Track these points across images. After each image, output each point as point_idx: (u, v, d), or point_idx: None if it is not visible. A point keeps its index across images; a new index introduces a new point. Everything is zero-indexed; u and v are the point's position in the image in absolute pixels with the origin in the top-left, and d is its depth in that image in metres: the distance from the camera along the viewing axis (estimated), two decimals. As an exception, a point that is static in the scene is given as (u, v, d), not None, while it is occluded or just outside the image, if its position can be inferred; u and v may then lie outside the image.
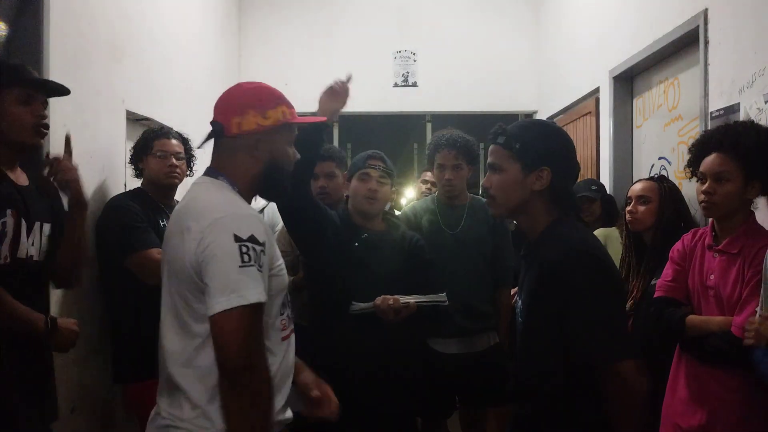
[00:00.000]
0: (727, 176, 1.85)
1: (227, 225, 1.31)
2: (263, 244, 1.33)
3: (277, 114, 1.46)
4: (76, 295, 2.37)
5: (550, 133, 1.57)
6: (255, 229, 1.33)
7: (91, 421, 2.48)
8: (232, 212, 1.35)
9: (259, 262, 1.31)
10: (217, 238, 1.30)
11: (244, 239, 1.30)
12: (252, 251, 1.30)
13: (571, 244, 1.43)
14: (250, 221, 1.35)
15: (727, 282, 1.85)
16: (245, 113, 1.44)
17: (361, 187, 2.22)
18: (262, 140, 1.46)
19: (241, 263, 1.28)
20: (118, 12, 2.81)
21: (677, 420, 1.94)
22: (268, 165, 1.48)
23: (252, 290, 1.28)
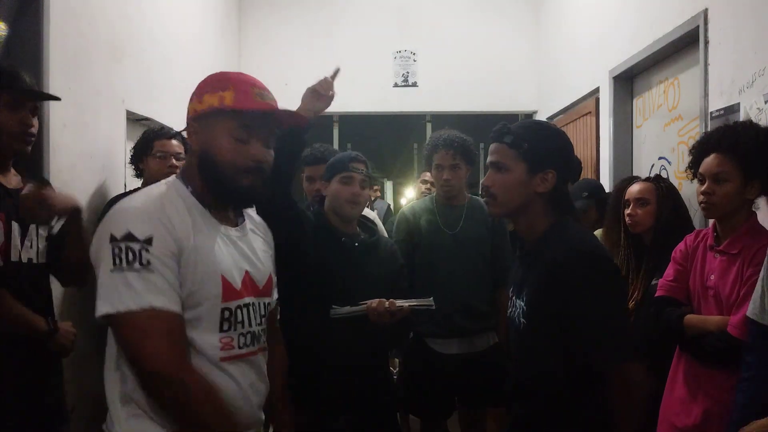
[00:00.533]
0: (725, 177, 1.85)
1: (106, 225, 1.22)
2: (146, 240, 1.18)
3: (213, 99, 1.29)
4: (77, 296, 2.37)
5: (556, 135, 1.57)
6: (134, 224, 1.19)
7: (91, 421, 2.48)
8: (117, 211, 1.24)
9: (140, 261, 1.17)
10: (96, 238, 1.23)
11: (118, 238, 1.18)
12: (125, 251, 1.17)
13: (575, 246, 1.43)
14: (128, 216, 1.21)
15: (726, 282, 1.85)
16: (191, 100, 1.34)
17: (344, 190, 2.14)
18: (197, 128, 1.32)
19: (112, 267, 1.18)
20: (118, 12, 2.81)
21: (673, 420, 1.94)
22: (201, 157, 1.31)
23: (124, 298, 1.17)
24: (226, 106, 1.29)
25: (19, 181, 1.85)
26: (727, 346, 1.76)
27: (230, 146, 1.30)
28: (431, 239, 2.65)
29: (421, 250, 2.68)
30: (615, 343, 1.38)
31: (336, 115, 5.59)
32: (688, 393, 1.91)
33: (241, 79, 1.34)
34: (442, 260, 2.61)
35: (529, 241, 1.56)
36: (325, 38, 5.41)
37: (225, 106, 1.29)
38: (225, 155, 1.30)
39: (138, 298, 1.17)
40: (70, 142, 2.36)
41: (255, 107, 1.31)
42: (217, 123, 1.30)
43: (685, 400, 1.91)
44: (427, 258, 2.66)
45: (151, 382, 1.19)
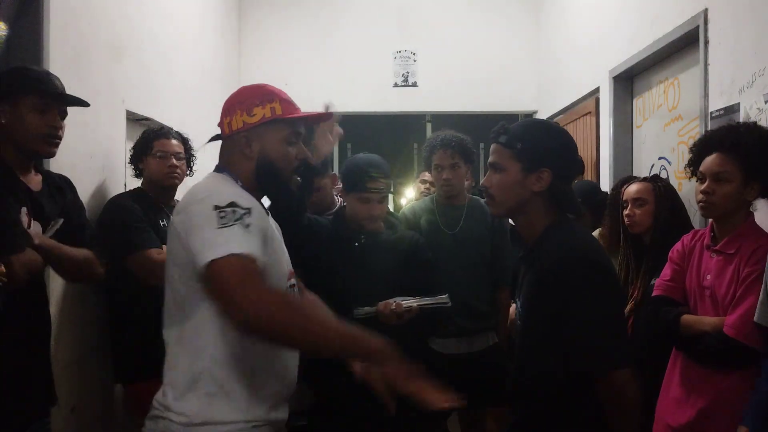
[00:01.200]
0: (726, 176, 1.85)
1: (207, 201, 1.33)
2: (248, 208, 1.33)
3: (264, 111, 1.46)
4: (77, 295, 2.37)
5: (553, 134, 1.56)
6: (237, 197, 1.34)
7: (91, 421, 2.48)
8: (213, 191, 1.37)
9: (243, 222, 1.30)
10: (197, 211, 1.33)
11: (223, 206, 1.31)
12: (231, 213, 1.30)
13: (570, 249, 1.42)
14: (232, 194, 1.35)
15: (722, 282, 1.85)
16: (234, 113, 1.48)
17: (362, 210, 2.16)
18: (251, 137, 1.47)
19: (218, 225, 1.28)
20: (118, 12, 2.81)
21: (668, 419, 1.95)
22: (260, 162, 1.48)
23: (232, 243, 1.26)
24: (279, 116, 1.47)
25: (39, 182, 1.88)
26: (723, 347, 1.76)
27: (285, 151, 1.50)
28: (431, 239, 2.66)
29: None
30: (606, 349, 1.37)
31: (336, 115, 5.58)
32: (684, 392, 1.91)
33: (278, 91, 1.52)
34: (442, 260, 2.62)
35: (529, 240, 1.56)
36: (325, 38, 5.41)
37: (277, 116, 1.47)
38: (283, 160, 1.50)
39: (244, 245, 1.28)
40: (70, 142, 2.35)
41: (302, 114, 1.51)
42: (270, 131, 1.48)
43: (680, 400, 1.92)
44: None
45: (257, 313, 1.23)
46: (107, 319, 2.53)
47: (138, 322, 2.37)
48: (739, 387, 1.78)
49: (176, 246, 1.38)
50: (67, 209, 1.94)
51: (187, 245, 1.32)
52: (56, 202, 1.91)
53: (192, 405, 1.35)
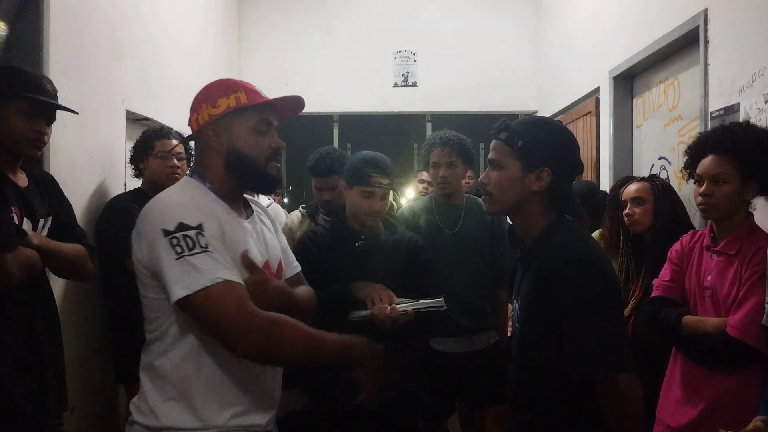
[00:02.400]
0: (724, 178, 1.85)
1: (155, 224, 1.32)
2: (198, 226, 1.30)
3: (229, 101, 1.43)
4: (77, 295, 2.37)
5: (554, 133, 1.52)
6: (182, 215, 1.31)
7: (91, 421, 2.48)
8: (160, 209, 1.35)
9: (199, 244, 1.28)
10: (153, 241, 1.31)
11: (172, 231, 1.29)
12: (183, 240, 1.28)
13: (569, 252, 1.40)
14: (175, 210, 1.32)
15: (724, 282, 1.85)
16: (199, 108, 1.46)
17: (365, 204, 2.15)
18: (218, 130, 1.44)
19: (176, 256, 1.27)
20: (118, 12, 2.81)
21: (669, 420, 1.94)
22: (229, 154, 1.44)
23: (195, 278, 1.26)
24: (243, 104, 1.43)
25: (25, 179, 1.89)
26: (726, 347, 1.76)
27: (254, 139, 1.45)
28: (431, 239, 2.66)
29: None
30: (605, 352, 1.34)
31: (336, 115, 5.59)
32: (684, 393, 1.91)
33: (243, 82, 1.48)
34: (443, 259, 2.62)
35: (526, 241, 1.54)
36: (325, 38, 5.41)
37: (242, 105, 1.43)
38: (252, 148, 1.45)
39: (209, 274, 1.27)
40: (70, 142, 2.36)
41: (266, 100, 1.46)
42: (237, 121, 1.44)
43: (681, 401, 1.91)
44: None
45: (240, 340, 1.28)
46: (107, 319, 2.53)
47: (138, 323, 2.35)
48: (739, 387, 1.78)
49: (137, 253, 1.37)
50: (54, 206, 1.94)
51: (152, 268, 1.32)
52: (43, 199, 1.91)
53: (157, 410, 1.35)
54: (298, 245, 2.24)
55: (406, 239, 2.28)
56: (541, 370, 1.44)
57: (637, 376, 1.36)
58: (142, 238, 1.35)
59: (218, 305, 1.26)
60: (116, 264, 2.39)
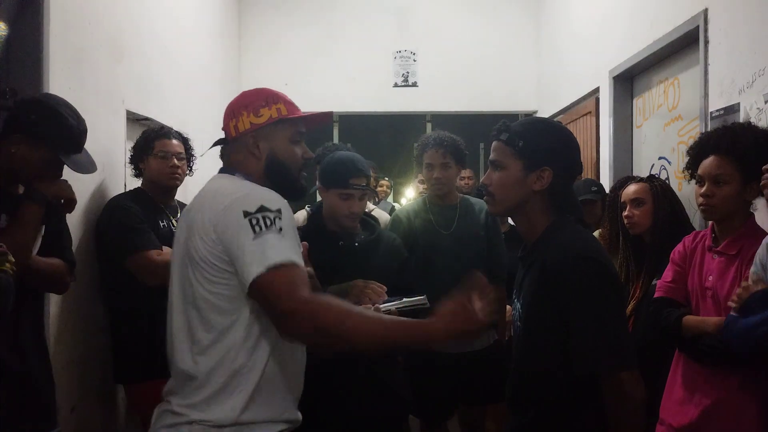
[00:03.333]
0: (725, 178, 1.85)
1: (234, 207, 1.35)
2: (278, 210, 1.35)
3: (271, 111, 1.50)
4: (77, 295, 2.37)
5: (555, 133, 1.53)
6: (264, 199, 1.36)
7: (91, 421, 2.48)
8: (239, 195, 1.38)
9: (276, 226, 1.32)
10: (229, 222, 1.34)
11: (253, 212, 1.33)
12: (263, 219, 1.32)
13: (573, 250, 1.40)
14: (257, 195, 1.38)
15: (724, 283, 1.85)
16: (240, 115, 1.51)
17: (343, 206, 2.13)
18: (259, 138, 1.51)
19: (254, 235, 1.31)
20: (118, 12, 2.81)
21: (670, 420, 1.94)
22: (269, 162, 1.51)
23: (270, 255, 1.29)
24: (285, 116, 1.51)
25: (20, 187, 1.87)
26: (725, 347, 1.76)
27: (291, 149, 1.54)
28: (427, 239, 2.66)
29: (417, 251, 2.68)
30: (609, 350, 1.35)
31: (336, 114, 5.58)
32: (686, 393, 1.91)
33: (281, 93, 1.56)
34: (439, 259, 2.62)
35: (528, 241, 1.54)
36: (326, 38, 5.41)
37: (283, 116, 1.51)
38: (289, 158, 1.54)
39: (282, 253, 1.31)
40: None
41: (305, 114, 1.56)
42: (277, 131, 1.52)
43: (683, 400, 1.91)
44: (424, 258, 2.66)
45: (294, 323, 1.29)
46: (107, 319, 2.53)
47: (138, 323, 2.37)
48: (741, 387, 1.78)
49: (192, 251, 1.38)
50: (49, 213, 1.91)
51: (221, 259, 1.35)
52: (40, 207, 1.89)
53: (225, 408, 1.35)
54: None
55: (385, 239, 2.27)
56: (543, 369, 1.45)
57: (640, 374, 1.37)
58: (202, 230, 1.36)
59: (287, 285, 1.28)
60: (116, 264, 2.39)
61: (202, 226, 1.37)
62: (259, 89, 1.57)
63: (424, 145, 2.77)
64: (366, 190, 2.16)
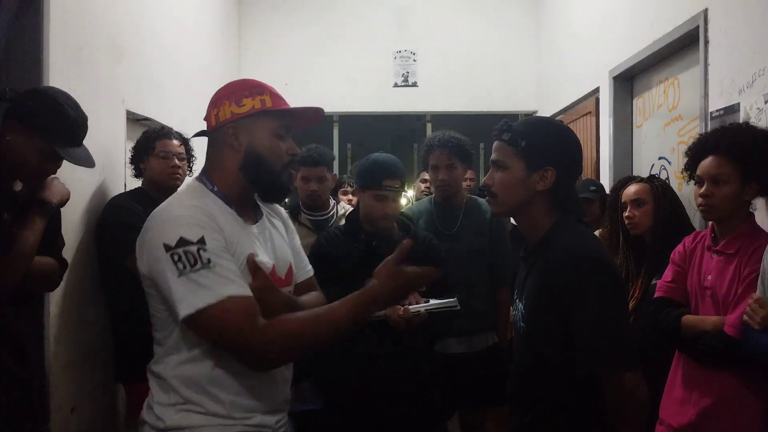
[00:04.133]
0: (724, 179, 1.85)
1: (155, 238, 1.30)
2: (199, 241, 1.27)
3: (254, 102, 1.41)
4: (77, 295, 2.37)
5: (557, 133, 1.52)
6: (183, 229, 1.28)
7: (91, 421, 2.48)
8: (160, 221, 1.33)
9: (200, 261, 1.25)
10: (153, 256, 1.30)
11: (173, 246, 1.26)
12: (185, 256, 1.25)
13: (576, 250, 1.40)
14: (176, 223, 1.30)
15: (723, 282, 1.85)
16: (221, 104, 1.43)
17: (377, 207, 2.17)
18: (240, 129, 1.42)
19: (178, 273, 1.25)
20: (117, 12, 2.81)
21: (670, 420, 1.94)
22: (247, 154, 1.42)
23: (200, 295, 1.24)
24: (269, 108, 1.42)
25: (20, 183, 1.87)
26: (724, 346, 1.76)
27: (274, 143, 1.44)
28: None
29: None
30: (611, 350, 1.35)
31: (336, 114, 5.59)
32: (686, 393, 1.91)
33: (268, 86, 1.47)
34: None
35: (531, 240, 1.54)
36: (326, 38, 5.41)
37: (268, 108, 1.42)
38: (271, 152, 1.43)
39: (213, 292, 1.25)
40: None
41: (291, 108, 1.46)
42: (259, 123, 1.42)
43: (682, 400, 1.92)
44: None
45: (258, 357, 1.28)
46: (107, 319, 2.53)
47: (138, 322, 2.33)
48: (740, 387, 1.78)
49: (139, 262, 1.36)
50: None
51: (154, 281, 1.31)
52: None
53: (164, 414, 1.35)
54: (314, 248, 2.26)
55: (421, 239, 2.28)
56: (544, 369, 1.44)
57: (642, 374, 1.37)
58: (144, 249, 1.33)
59: (227, 322, 1.24)
60: (116, 264, 2.39)
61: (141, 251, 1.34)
62: (245, 79, 1.49)
63: (429, 146, 2.76)
64: (401, 191, 2.19)
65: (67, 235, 2.26)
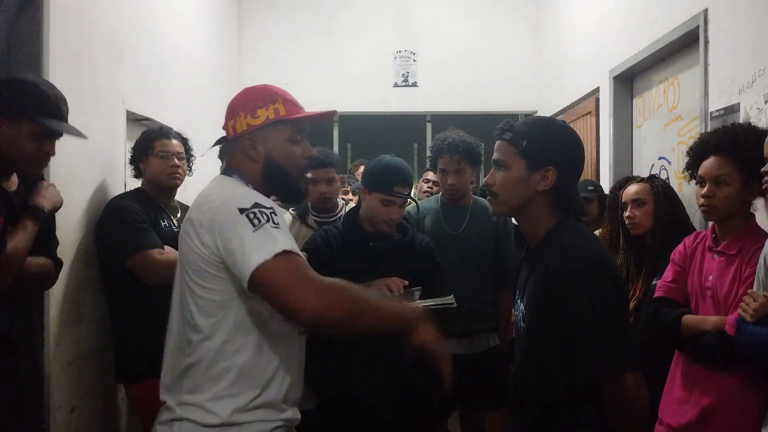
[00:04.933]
0: (726, 179, 1.85)
1: (230, 204, 1.36)
2: (271, 208, 1.37)
3: (268, 112, 1.47)
4: (77, 295, 2.37)
5: (559, 133, 1.51)
6: (258, 198, 1.38)
7: (91, 421, 2.48)
8: (234, 194, 1.40)
9: (272, 220, 1.34)
10: (225, 219, 1.35)
11: (248, 207, 1.34)
12: (260, 214, 1.33)
13: (577, 251, 1.39)
14: (250, 196, 1.39)
15: (724, 282, 1.85)
16: (237, 116, 1.49)
17: (383, 211, 2.16)
18: (256, 140, 1.49)
19: (253, 228, 1.32)
20: (117, 12, 2.81)
21: (669, 420, 1.94)
22: (266, 164, 1.49)
23: (272, 244, 1.30)
24: (283, 117, 1.48)
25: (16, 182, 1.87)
26: (724, 346, 1.76)
27: (291, 151, 1.51)
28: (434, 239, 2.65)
29: None
30: (612, 352, 1.35)
31: (336, 114, 5.58)
32: (686, 392, 1.91)
33: (281, 91, 1.52)
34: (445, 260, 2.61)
35: (532, 241, 1.53)
36: (326, 38, 5.41)
37: (281, 117, 1.48)
38: (288, 160, 1.51)
39: (284, 243, 1.32)
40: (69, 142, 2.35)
41: (306, 114, 1.52)
42: (274, 132, 1.49)
43: (682, 400, 1.92)
44: None
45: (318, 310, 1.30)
46: (108, 318, 2.53)
47: (138, 322, 2.37)
48: (740, 387, 1.78)
49: (187, 251, 1.40)
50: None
51: (217, 257, 1.35)
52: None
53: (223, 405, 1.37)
54: (307, 244, 2.26)
55: (417, 241, 2.28)
56: (545, 370, 1.44)
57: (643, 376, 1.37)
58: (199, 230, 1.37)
59: (295, 272, 1.30)
60: (116, 264, 2.39)
61: (195, 227, 1.38)
62: (260, 87, 1.54)
63: (438, 150, 2.75)
64: (407, 198, 2.20)
65: (67, 235, 2.26)
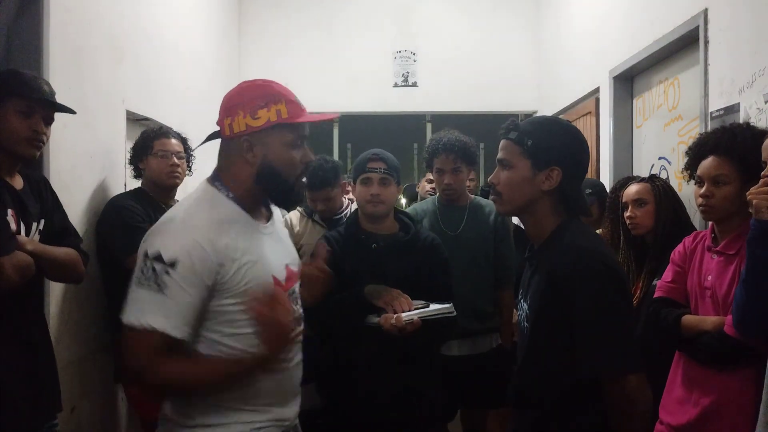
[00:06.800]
0: (724, 179, 1.85)
1: (149, 238, 1.33)
2: (171, 263, 1.27)
3: (270, 114, 1.37)
4: (77, 295, 2.37)
5: (564, 132, 1.50)
6: (167, 245, 1.28)
7: (91, 421, 2.48)
8: (159, 227, 1.36)
9: (156, 282, 1.26)
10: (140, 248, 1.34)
11: (149, 256, 1.29)
12: (151, 270, 1.27)
13: (581, 252, 1.39)
14: (167, 234, 1.31)
15: (723, 282, 1.85)
16: (235, 114, 1.38)
17: (364, 191, 2.16)
18: (255, 142, 1.39)
19: (137, 281, 1.29)
20: (117, 12, 2.81)
21: (670, 420, 1.94)
22: (261, 168, 1.40)
23: (133, 310, 1.28)
24: (285, 120, 1.38)
25: (21, 182, 1.88)
26: (724, 346, 1.76)
27: (290, 156, 1.42)
28: None
29: None
30: (616, 352, 1.34)
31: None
32: (686, 393, 1.91)
33: (284, 90, 1.43)
34: None
35: (536, 241, 1.53)
36: (326, 38, 5.41)
37: (283, 120, 1.38)
38: (286, 165, 1.42)
39: (141, 316, 1.27)
40: (70, 142, 2.36)
41: (309, 118, 1.44)
42: (275, 136, 1.40)
43: (682, 400, 1.91)
44: None
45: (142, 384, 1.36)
46: (107, 319, 2.53)
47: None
48: (740, 387, 1.78)
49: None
50: (47, 209, 1.94)
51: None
52: (37, 201, 1.91)
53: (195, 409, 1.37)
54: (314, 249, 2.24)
55: (422, 238, 2.25)
56: (548, 370, 1.44)
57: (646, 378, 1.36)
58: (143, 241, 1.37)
59: (133, 347, 1.28)
60: (116, 264, 2.39)
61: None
62: (260, 84, 1.43)
63: (434, 150, 2.74)
64: (386, 174, 2.17)
65: (67, 235, 2.27)
